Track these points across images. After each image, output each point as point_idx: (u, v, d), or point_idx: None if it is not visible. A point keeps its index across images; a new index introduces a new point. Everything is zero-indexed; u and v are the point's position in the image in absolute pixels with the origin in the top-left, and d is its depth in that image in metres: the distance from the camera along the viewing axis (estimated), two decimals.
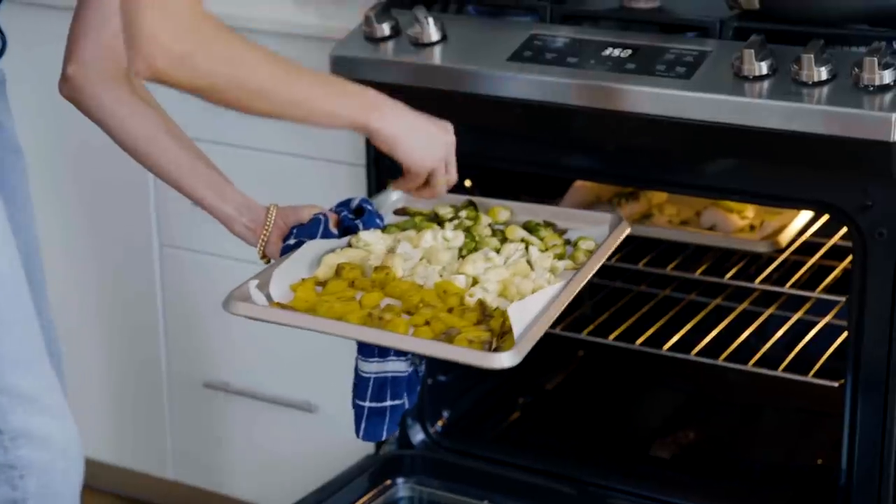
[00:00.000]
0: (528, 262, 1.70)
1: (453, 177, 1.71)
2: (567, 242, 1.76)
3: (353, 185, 2.20)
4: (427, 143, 1.66)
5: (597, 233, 1.77)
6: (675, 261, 2.33)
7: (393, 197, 1.86)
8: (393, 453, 2.26)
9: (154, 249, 2.48)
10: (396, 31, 2.06)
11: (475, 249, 1.72)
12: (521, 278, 1.65)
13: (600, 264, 1.71)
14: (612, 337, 2.25)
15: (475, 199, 1.84)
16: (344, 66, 2.06)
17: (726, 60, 1.87)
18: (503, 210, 1.82)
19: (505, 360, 1.50)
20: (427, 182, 1.70)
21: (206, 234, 2.41)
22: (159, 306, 2.51)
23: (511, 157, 2.06)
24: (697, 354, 2.19)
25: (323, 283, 1.66)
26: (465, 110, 2.01)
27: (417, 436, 2.29)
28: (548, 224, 1.79)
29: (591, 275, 1.68)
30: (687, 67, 1.88)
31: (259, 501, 2.51)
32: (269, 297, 1.63)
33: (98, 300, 2.47)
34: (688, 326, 2.29)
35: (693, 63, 1.88)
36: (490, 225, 1.79)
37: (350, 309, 1.59)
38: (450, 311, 1.59)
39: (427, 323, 1.57)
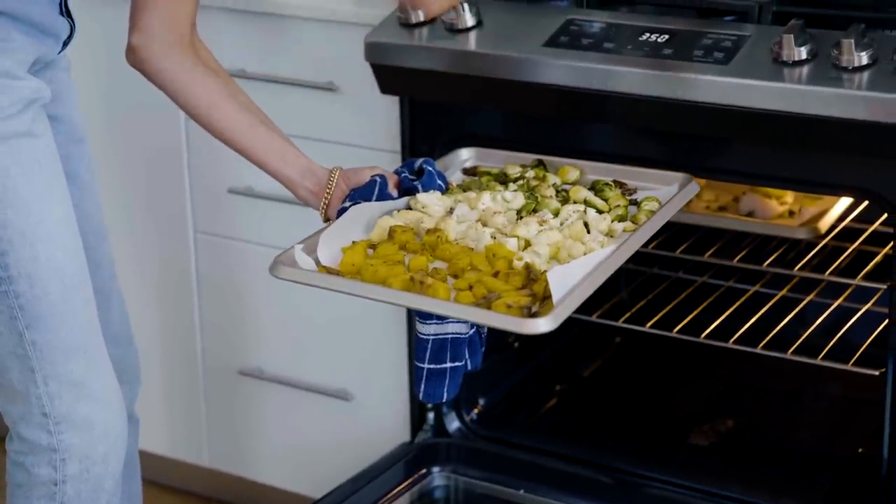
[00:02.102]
0: (586, 224, 1.68)
1: None
2: (633, 203, 1.73)
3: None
4: None
5: (665, 193, 1.74)
6: (713, 247, 2.31)
7: (463, 156, 1.86)
8: (428, 441, 2.26)
9: (189, 236, 2.48)
10: (432, 17, 2.04)
11: (535, 211, 1.70)
12: (573, 241, 1.63)
13: (659, 226, 1.68)
14: (649, 325, 2.23)
15: (545, 158, 1.82)
16: (378, 53, 2.05)
17: (765, 45, 1.84)
18: (573, 170, 1.81)
19: (541, 325, 1.47)
20: None
21: (241, 221, 2.41)
22: (195, 293, 2.51)
23: (546, 142, 2.04)
24: (736, 342, 2.16)
25: (375, 247, 1.66)
26: (501, 96, 2.00)
27: (453, 424, 2.28)
28: (618, 183, 1.77)
29: (646, 238, 1.65)
30: (725, 52, 1.86)
31: (294, 489, 2.51)
32: (317, 262, 1.64)
33: (133, 288, 2.47)
34: (726, 314, 2.26)
35: (731, 48, 1.86)
36: (555, 185, 1.77)
37: (395, 273, 1.59)
38: (495, 274, 1.58)
39: (470, 287, 1.56)
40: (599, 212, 1.71)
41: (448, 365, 1.63)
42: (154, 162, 2.47)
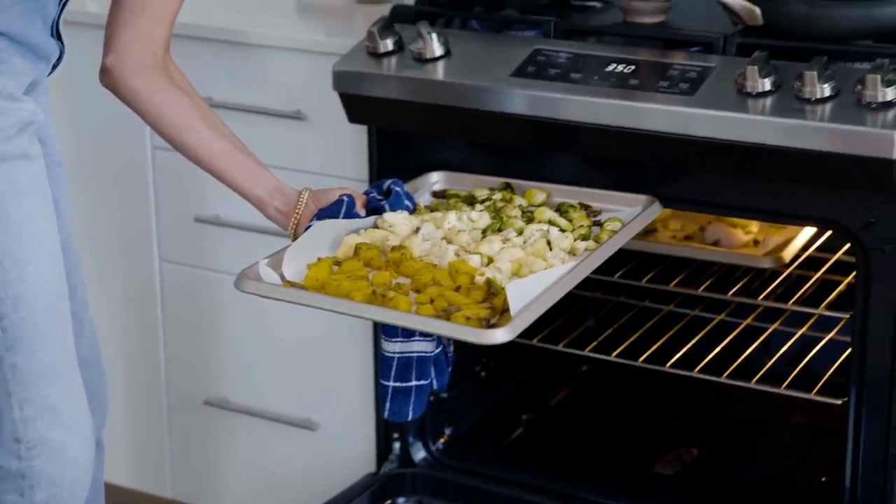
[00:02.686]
0: (549, 243, 1.69)
1: None
2: (597, 224, 1.75)
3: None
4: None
5: (629, 214, 1.77)
6: (679, 276, 2.32)
7: (433, 179, 1.88)
8: (394, 472, 2.25)
9: (155, 265, 2.47)
10: (400, 47, 2.06)
11: (500, 230, 1.72)
12: (535, 258, 1.65)
13: (620, 245, 1.71)
14: (615, 354, 2.24)
15: (513, 181, 1.84)
16: (347, 82, 2.06)
17: (730, 76, 1.86)
18: (539, 192, 1.84)
19: (498, 335, 1.49)
20: None
21: (207, 249, 2.40)
22: (160, 322, 2.50)
23: (513, 171, 2.05)
24: (701, 371, 2.17)
25: (340, 263, 1.67)
26: (469, 126, 2.00)
27: (419, 453, 2.28)
28: (583, 206, 1.79)
29: (607, 255, 1.68)
30: (690, 83, 1.87)
31: None
32: (282, 277, 1.65)
33: (98, 315, 2.45)
34: (691, 343, 2.28)
35: (696, 79, 1.88)
36: (521, 206, 1.79)
37: (358, 287, 1.60)
38: (457, 289, 1.60)
39: (431, 301, 1.58)
40: (562, 231, 1.73)
41: (413, 383, 1.64)
42: (120, 189, 2.46)
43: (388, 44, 2.05)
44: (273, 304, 2.36)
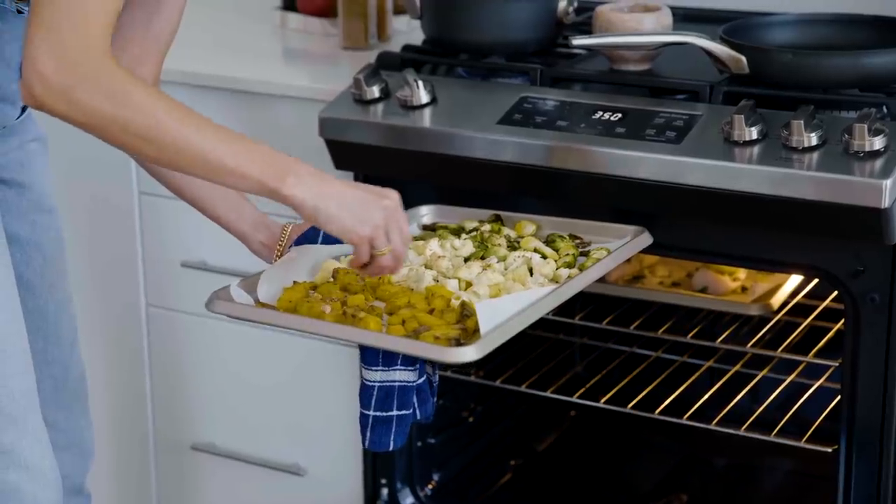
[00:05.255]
0: (531, 270, 1.68)
1: (398, 247, 1.56)
2: (584, 254, 1.75)
3: None
4: (357, 209, 1.53)
5: (617, 245, 1.76)
6: (667, 323, 2.31)
7: (422, 212, 1.88)
8: None
9: (141, 309, 2.46)
10: (386, 94, 2.05)
11: (483, 258, 1.71)
12: (515, 283, 1.64)
13: (602, 273, 1.69)
14: (603, 400, 2.23)
15: (504, 213, 1.84)
16: (333, 128, 2.06)
17: (716, 125, 1.86)
18: (529, 224, 1.83)
19: (467, 353, 1.46)
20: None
21: (193, 294, 2.39)
22: (146, 366, 2.49)
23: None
24: (689, 418, 2.16)
25: (317, 288, 1.66)
26: (456, 173, 2.00)
27: (407, 499, 2.27)
28: (573, 237, 1.78)
29: (588, 283, 1.66)
30: (677, 132, 1.87)
31: None
32: (256, 300, 1.64)
33: (84, 360, 2.45)
34: (680, 389, 2.27)
35: (683, 127, 1.88)
36: (507, 237, 1.79)
37: (332, 308, 1.59)
38: (431, 312, 1.58)
39: (403, 322, 1.56)
40: (545, 258, 1.72)
41: (395, 413, 1.62)
42: (106, 234, 2.46)
43: (375, 91, 2.04)
44: (260, 349, 2.36)
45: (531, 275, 1.68)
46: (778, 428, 2.12)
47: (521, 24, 2.08)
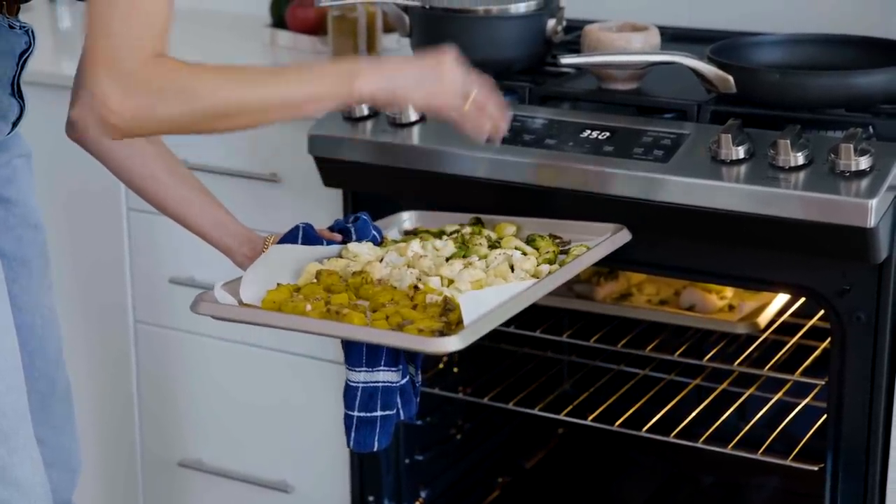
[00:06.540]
0: (512, 267, 1.69)
1: (485, 98, 1.62)
2: (564, 252, 1.76)
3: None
4: (430, 80, 1.59)
5: (597, 242, 1.77)
6: (654, 341, 2.32)
7: (403, 217, 1.89)
8: None
9: (129, 326, 2.46)
10: (375, 111, 2.06)
11: (465, 258, 1.72)
12: (496, 278, 1.65)
13: (583, 268, 1.71)
14: (591, 417, 2.23)
15: (484, 216, 1.86)
16: (322, 146, 2.06)
17: (703, 144, 1.87)
18: (510, 226, 1.84)
19: (450, 343, 1.47)
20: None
21: (182, 311, 2.39)
22: (134, 383, 2.49)
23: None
24: (677, 436, 2.17)
25: (301, 290, 1.67)
26: (444, 191, 2.01)
27: None
28: (553, 237, 1.79)
29: (568, 277, 1.67)
30: (664, 150, 1.88)
31: None
32: (240, 302, 1.65)
33: (71, 376, 2.44)
34: (667, 407, 2.27)
35: (670, 146, 1.89)
36: (488, 237, 1.80)
37: (315, 307, 1.60)
38: (414, 307, 1.59)
39: (387, 318, 1.57)
40: (525, 255, 1.73)
41: (378, 413, 1.63)
42: (95, 250, 2.46)
43: (364, 108, 2.05)
44: (248, 366, 2.36)
45: (512, 271, 1.69)
46: (765, 446, 2.12)
47: (510, 42, 2.09)
